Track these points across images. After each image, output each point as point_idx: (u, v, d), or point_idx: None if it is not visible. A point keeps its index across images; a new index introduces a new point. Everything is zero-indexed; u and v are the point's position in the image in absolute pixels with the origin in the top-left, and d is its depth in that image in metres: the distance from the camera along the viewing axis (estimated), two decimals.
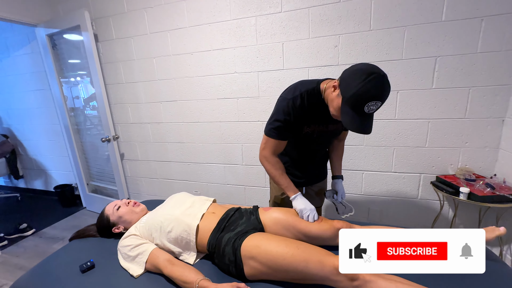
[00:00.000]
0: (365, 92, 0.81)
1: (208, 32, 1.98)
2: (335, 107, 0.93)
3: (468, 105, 1.57)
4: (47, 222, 2.63)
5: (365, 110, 0.84)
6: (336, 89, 0.91)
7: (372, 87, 0.81)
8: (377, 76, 0.81)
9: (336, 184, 1.32)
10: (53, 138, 3.01)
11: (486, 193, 1.39)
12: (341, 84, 0.89)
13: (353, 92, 0.83)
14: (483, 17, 1.43)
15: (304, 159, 1.25)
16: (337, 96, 0.91)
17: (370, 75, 0.81)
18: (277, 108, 1.09)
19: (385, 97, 0.84)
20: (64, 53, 2.52)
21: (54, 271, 1.08)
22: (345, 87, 0.86)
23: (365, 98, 0.82)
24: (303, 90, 1.03)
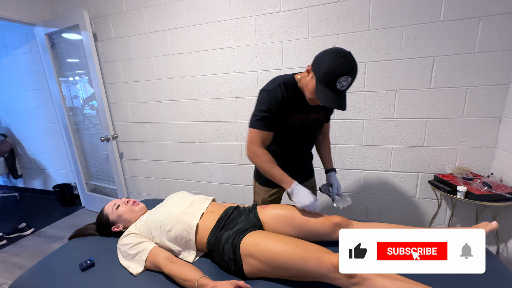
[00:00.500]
0: (335, 68, 0.90)
1: (207, 32, 1.98)
2: (311, 90, 1.00)
3: (466, 105, 1.58)
4: (46, 222, 2.63)
5: (337, 87, 0.93)
6: (309, 73, 1.00)
7: (341, 63, 0.90)
8: (344, 54, 0.91)
9: (330, 177, 1.34)
10: (52, 138, 3.00)
11: (483, 191, 1.41)
12: (313, 66, 0.97)
13: (325, 69, 0.91)
14: (481, 17, 1.44)
15: (290, 155, 1.24)
16: (311, 78, 0.99)
17: (337, 54, 0.91)
18: (259, 101, 1.11)
19: (353, 73, 0.93)
20: (63, 52, 2.52)
21: (54, 269, 1.09)
22: (317, 68, 0.95)
23: (336, 74, 0.90)
24: (280, 81, 1.09)
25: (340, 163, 1.92)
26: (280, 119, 1.10)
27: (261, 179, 1.33)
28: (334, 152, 1.91)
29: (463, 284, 0.84)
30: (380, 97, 1.71)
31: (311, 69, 0.99)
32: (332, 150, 1.89)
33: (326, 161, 1.38)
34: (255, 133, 1.12)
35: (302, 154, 1.29)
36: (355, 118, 1.80)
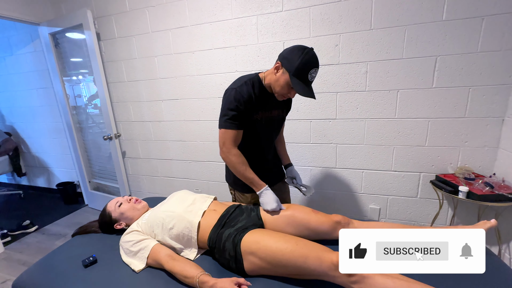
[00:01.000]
0: (307, 62, 1.01)
1: (210, 31, 1.99)
2: (282, 84, 1.07)
3: (468, 105, 1.57)
4: (49, 219, 2.66)
5: (308, 79, 1.03)
6: (279, 69, 1.07)
7: (310, 58, 1.02)
8: (310, 49, 1.02)
9: (291, 171, 1.43)
10: (56, 136, 3.03)
11: (485, 192, 1.40)
12: (283, 63, 1.05)
13: (297, 64, 1.00)
14: (484, 16, 1.44)
15: (257, 155, 1.25)
16: (282, 73, 1.06)
17: (305, 50, 1.01)
18: (226, 100, 1.12)
19: (318, 65, 1.05)
20: (67, 52, 2.54)
21: (57, 266, 1.10)
22: (288, 63, 1.03)
23: (307, 67, 1.01)
24: (246, 79, 1.14)
25: (341, 163, 1.92)
26: (247, 115, 1.13)
27: (241, 187, 1.30)
28: (335, 152, 1.91)
29: (464, 284, 0.84)
30: (381, 97, 1.71)
31: (280, 65, 1.06)
32: (333, 150, 1.91)
33: (284, 157, 1.47)
34: (227, 133, 1.13)
35: (267, 153, 1.32)
36: (356, 117, 1.80)
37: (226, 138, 1.13)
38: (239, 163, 1.15)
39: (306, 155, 1.99)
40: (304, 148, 1.98)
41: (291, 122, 1.94)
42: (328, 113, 1.85)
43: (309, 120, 1.90)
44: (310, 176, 2.03)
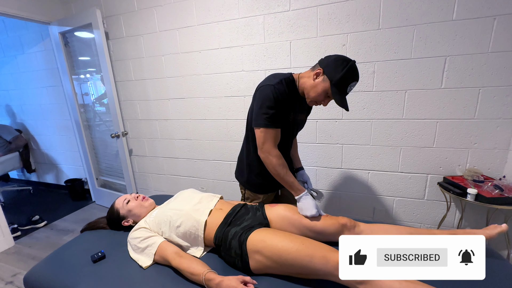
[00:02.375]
0: (350, 76, 1.01)
1: (217, 31, 2.00)
2: (319, 91, 1.05)
3: (478, 106, 1.55)
4: (58, 215, 2.71)
5: (347, 90, 1.03)
6: (319, 76, 1.05)
7: (353, 71, 1.02)
8: (353, 63, 1.02)
9: (302, 175, 1.43)
10: (64, 134, 3.09)
11: (494, 194, 1.38)
12: (325, 70, 1.03)
13: (340, 76, 0.99)
14: (496, 16, 1.41)
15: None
16: (323, 81, 1.04)
17: (348, 62, 1.01)
18: (264, 97, 1.05)
19: (358, 78, 1.05)
20: (76, 51, 2.58)
21: (67, 260, 1.13)
22: (331, 73, 1.01)
23: (350, 80, 1.01)
24: (281, 77, 1.11)
25: (347, 163, 1.91)
26: (284, 114, 1.09)
27: (253, 187, 1.29)
28: (341, 152, 1.90)
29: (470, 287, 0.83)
30: (389, 97, 1.70)
31: (322, 72, 1.04)
32: (339, 150, 1.90)
33: (297, 160, 1.47)
34: (268, 133, 1.07)
35: (288, 158, 1.32)
36: (363, 118, 1.78)
37: (267, 137, 1.07)
38: (280, 165, 1.09)
39: (311, 155, 1.99)
40: (309, 148, 1.97)
41: None
42: (334, 113, 1.84)
43: (315, 120, 1.89)
44: (315, 176, 2.03)
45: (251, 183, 1.27)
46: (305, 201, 1.09)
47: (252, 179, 1.25)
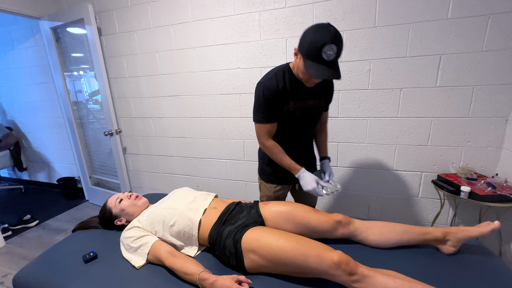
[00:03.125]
0: (317, 39, 0.91)
1: (212, 27, 1.97)
2: (302, 70, 1.01)
3: (472, 104, 1.56)
4: (50, 214, 2.67)
5: (324, 57, 0.92)
6: (297, 55, 1.02)
7: (321, 34, 0.91)
8: (323, 25, 0.92)
9: (324, 164, 1.34)
10: (57, 131, 3.03)
11: (487, 192, 1.39)
12: (299, 47, 0.99)
13: (308, 44, 0.93)
14: (490, 14, 1.42)
15: (291, 147, 1.25)
16: (299, 58, 1.01)
17: (317, 27, 0.93)
18: (256, 95, 1.15)
19: (336, 40, 0.91)
20: (68, 47, 2.53)
21: (58, 260, 1.10)
22: (301, 46, 0.97)
23: (319, 45, 0.90)
24: (276, 70, 1.13)
25: (342, 161, 1.91)
26: (278, 109, 1.13)
27: (265, 176, 1.37)
28: (337, 150, 1.90)
29: (465, 284, 0.83)
30: (384, 95, 1.70)
31: (298, 50, 1.01)
32: (335, 148, 1.90)
33: (321, 149, 1.39)
34: (260, 127, 1.19)
35: (301, 144, 1.30)
36: (358, 116, 1.78)
37: (260, 132, 1.19)
38: (275, 153, 1.20)
39: None
40: None
41: None
42: (330, 111, 1.83)
43: None
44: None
45: (263, 172, 1.37)
46: (304, 178, 1.16)
47: (264, 168, 1.35)
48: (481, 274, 0.87)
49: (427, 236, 0.98)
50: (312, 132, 1.34)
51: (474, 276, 0.87)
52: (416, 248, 1.00)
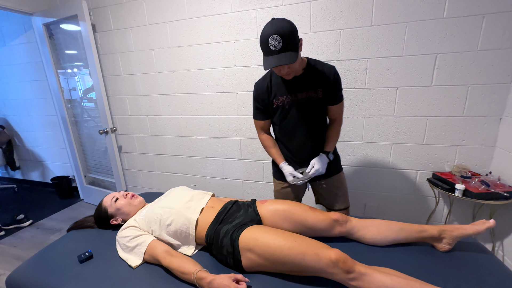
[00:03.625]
0: (262, 34, 0.99)
1: (208, 25, 1.95)
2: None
3: (467, 103, 1.58)
4: (44, 214, 2.63)
5: (271, 48, 0.98)
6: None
7: (265, 29, 0.98)
8: (269, 21, 0.99)
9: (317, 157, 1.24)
10: (50, 130, 2.98)
11: (481, 190, 1.41)
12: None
13: (259, 41, 1.01)
14: (485, 14, 1.43)
15: (289, 140, 1.29)
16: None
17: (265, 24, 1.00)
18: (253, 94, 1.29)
19: (278, 29, 0.96)
20: (61, 43, 2.48)
21: (52, 260, 1.09)
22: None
23: (264, 38, 0.98)
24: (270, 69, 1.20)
25: None
26: (267, 105, 1.24)
27: (273, 172, 1.45)
28: None
29: (459, 280, 0.85)
30: (381, 94, 1.71)
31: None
32: None
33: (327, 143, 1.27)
34: (255, 123, 1.35)
35: (301, 139, 1.25)
36: (355, 114, 1.79)
37: (255, 127, 1.36)
38: (266, 146, 1.34)
39: None
40: None
41: None
42: None
43: None
44: None
45: (272, 167, 1.44)
46: (283, 170, 1.26)
47: (273, 164, 1.42)
48: (476, 271, 0.89)
49: (423, 234, 0.99)
50: (314, 125, 1.24)
51: (469, 272, 0.88)
52: (412, 245, 1.01)
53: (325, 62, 1.21)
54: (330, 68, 1.17)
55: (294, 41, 0.98)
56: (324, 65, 1.18)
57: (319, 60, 1.21)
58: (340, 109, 1.26)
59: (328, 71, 1.16)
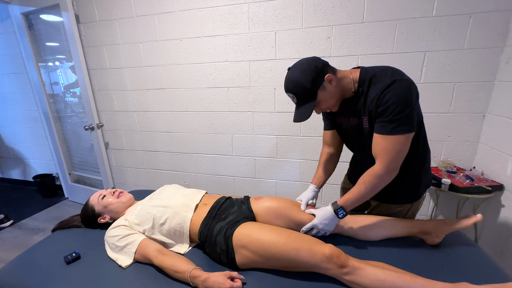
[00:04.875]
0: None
1: (199, 18, 1.91)
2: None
3: (453, 100, 1.62)
4: (26, 213, 2.52)
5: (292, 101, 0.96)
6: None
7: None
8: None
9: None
10: (31, 126, 2.85)
11: (466, 184, 1.46)
12: None
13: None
14: (472, 13, 1.47)
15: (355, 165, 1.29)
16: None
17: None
18: None
19: (289, 87, 0.92)
20: (42, 35, 2.36)
21: (37, 262, 1.04)
22: None
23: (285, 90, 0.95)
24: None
25: None
26: (332, 118, 1.14)
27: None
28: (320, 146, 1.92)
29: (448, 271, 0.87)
30: None
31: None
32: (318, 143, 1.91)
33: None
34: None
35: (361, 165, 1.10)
36: None
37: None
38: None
39: (295, 148, 1.99)
40: (293, 140, 1.97)
41: (281, 115, 1.93)
42: None
43: None
44: (299, 169, 2.04)
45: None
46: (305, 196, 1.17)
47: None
48: (463, 262, 0.92)
49: (413, 229, 1.01)
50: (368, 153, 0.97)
51: (457, 263, 0.91)
52: (403, 240, 1.03)
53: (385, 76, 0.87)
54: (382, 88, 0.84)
55: (309, 94, 0.89)
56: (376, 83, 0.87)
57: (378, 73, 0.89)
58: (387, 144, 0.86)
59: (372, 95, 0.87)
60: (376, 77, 0.88)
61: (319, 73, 0.88)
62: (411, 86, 0.84)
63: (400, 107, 0.82)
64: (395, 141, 0.85)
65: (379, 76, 0.88)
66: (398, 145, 0.86)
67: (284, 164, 2.06)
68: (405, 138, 0.85)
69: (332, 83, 0.89)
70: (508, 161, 1.43)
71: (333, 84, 0.90)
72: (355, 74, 0.94)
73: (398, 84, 0.83)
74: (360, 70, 0.94)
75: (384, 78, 0.86)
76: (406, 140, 0.86)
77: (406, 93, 0.83)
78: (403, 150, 0.87)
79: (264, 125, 2.00)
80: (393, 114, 0.83)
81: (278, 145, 2.03)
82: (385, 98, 0.83)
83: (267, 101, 1.94)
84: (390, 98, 0.82)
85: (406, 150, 0.87)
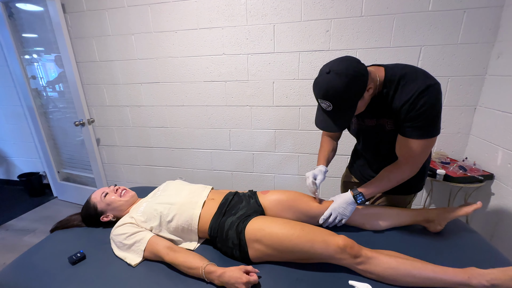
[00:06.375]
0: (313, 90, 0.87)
1: (195, 9, 1.85)
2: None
3: (446, 94, 1.68)
4: (13, 214, 2.41)
5: (322, 106, 0.86)
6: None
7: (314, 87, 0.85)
8: (320, 71, 0.84)
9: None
10: (14, 122, 2.70)
11: (459, 174, 1.53)
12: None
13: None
14: (465, 9, 1.51)
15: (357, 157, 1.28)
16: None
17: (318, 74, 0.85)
18: None
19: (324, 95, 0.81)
20: (24, 24, 2.21)
21: (39, 264, 1.00)
22: None
23: (316, 96, 0.86)
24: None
25: None
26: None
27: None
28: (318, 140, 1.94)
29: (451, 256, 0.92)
30: None
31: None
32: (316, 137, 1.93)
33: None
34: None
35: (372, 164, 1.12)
36: None
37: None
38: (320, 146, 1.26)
39: (294, 141, 2.00)
40: (292, 134, 1.98)
41: (280, 109, 1.93)
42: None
43: (298, 107, 1.90)
44: (297, 163, 2.06)
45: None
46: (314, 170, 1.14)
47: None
48: (465, 247, 0.97)
49: (418, 218, 1.05)
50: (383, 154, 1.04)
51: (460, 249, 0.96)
52: (407, 228, 1.07)
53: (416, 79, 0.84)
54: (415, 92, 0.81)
55: (350, 105, 0.81)
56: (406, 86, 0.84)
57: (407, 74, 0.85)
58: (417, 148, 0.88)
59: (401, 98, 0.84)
60: (404, 78, 0.85)
61: (364, 82, 0.80)
62: (440, 90, 0.85)
63: (434, 113, 0.84)
64: (424, 144, 0.87)
65: (409, 78, 0.84)
66: (426, 147, 0.89)
67: (282, 158, 2.07)
68: (433, 140, 0.89)
69: (369, 91, 0.84)
70: (497, 151, 1.50)
71: (369, 92, 0.85)
72: (380, 73, 0.88)
73: (432, 89, 0.82)
74: (384, 69, 0.89)
75: (416, 81, 0.83)
76: (434, 142, 0.90)
77: (440, 99, 0.84)
78: (429, 151, 0.92)
79: (262, 119, 2.00)
80: (426, 120, 0.84)
81: (276, 139, 2.03)
82: (419, 103, 0.81)
83: (265, 95, 1.93)
84: (425, 104, 0.81)
85: (431, 150, 0.90)
